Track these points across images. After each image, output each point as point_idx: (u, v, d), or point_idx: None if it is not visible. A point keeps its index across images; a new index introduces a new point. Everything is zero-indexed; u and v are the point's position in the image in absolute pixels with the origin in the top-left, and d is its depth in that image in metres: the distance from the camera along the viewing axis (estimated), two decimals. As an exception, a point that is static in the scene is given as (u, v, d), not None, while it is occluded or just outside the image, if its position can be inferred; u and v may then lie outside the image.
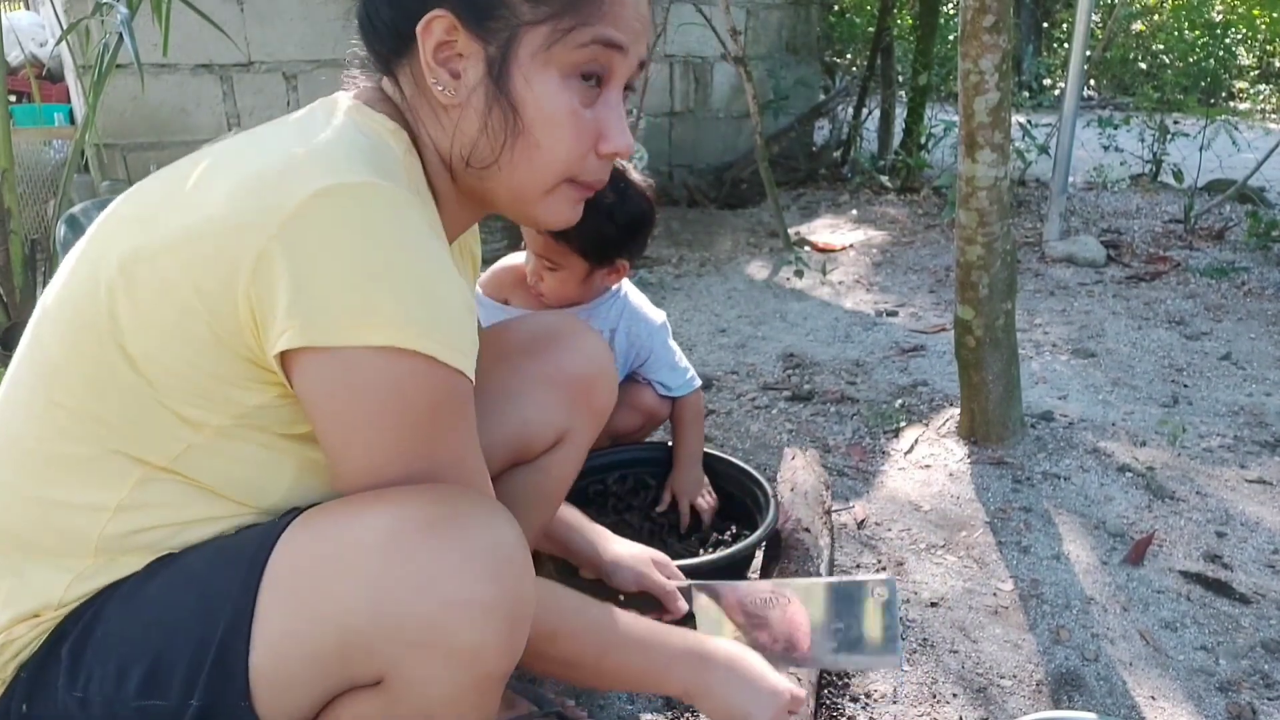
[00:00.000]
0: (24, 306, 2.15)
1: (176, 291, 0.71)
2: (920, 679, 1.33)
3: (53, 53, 4.23)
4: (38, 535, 0.77)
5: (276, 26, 3.89)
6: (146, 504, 0.76)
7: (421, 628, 0.70)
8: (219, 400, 0.74)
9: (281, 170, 0.71)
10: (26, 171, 3.58)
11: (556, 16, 0.77)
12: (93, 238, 0.81)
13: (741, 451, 2.05)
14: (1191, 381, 2.47)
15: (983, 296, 1.93)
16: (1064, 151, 3.67)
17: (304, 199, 0.68)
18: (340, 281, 0.68)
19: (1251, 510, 1.80)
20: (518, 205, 0.86)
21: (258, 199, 0.70)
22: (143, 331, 0.73)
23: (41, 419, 0.76)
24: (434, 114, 0.82)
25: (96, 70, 2.05)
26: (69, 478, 0.76)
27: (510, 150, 0.80)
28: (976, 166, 1.86)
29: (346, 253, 0.68)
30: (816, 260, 3.72)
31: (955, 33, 2.21)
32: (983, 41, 1.78)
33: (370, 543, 0.71)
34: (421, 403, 0.73)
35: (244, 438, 0.77)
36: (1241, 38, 6.59)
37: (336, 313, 0.68)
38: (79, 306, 0.76)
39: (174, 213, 0.74)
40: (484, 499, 0.77)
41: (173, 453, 0.75)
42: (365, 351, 0.69)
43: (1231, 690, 1.31)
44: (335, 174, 0.70)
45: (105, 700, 0.73)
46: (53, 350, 0.77)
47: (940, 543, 1.69)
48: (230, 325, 0.71)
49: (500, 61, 0.78)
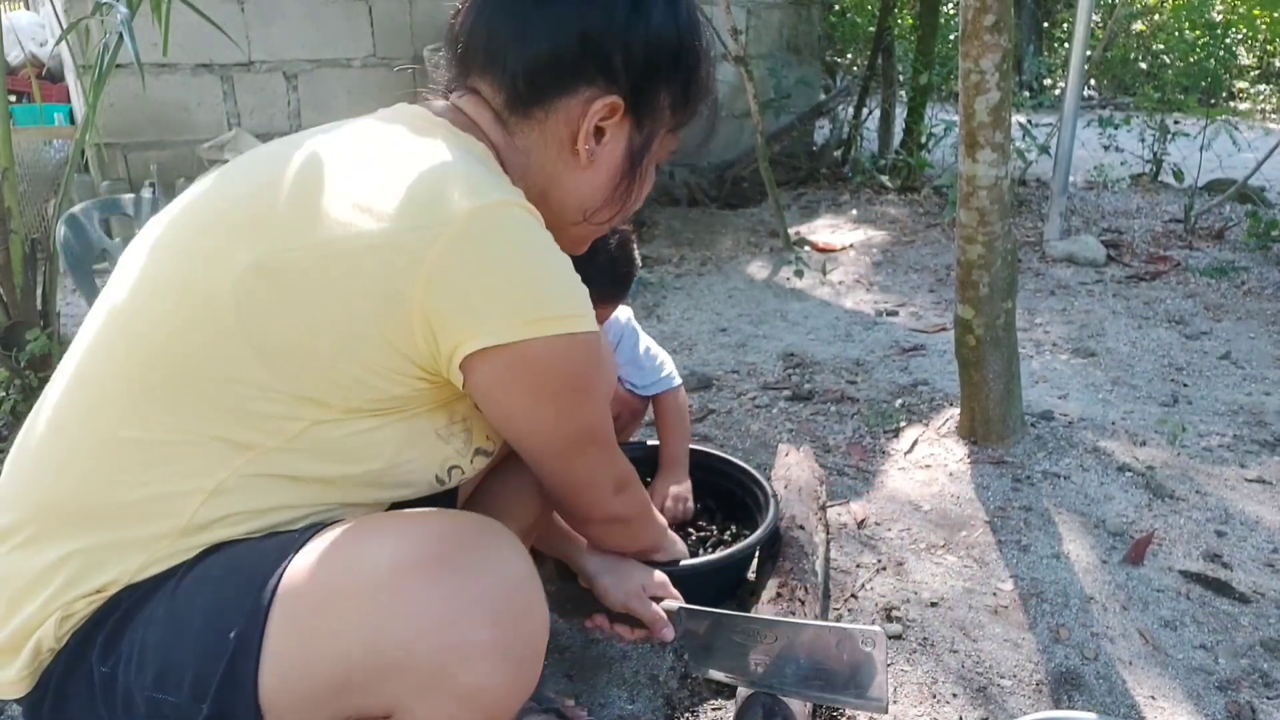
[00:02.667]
0: (24, 306, 2.14)
1: (336, 296, 0.77)
2: (920, 679, 1.33)
3: (53, 53, 4.23)
4: (121, 515, 0.79)
5: (277, 26, 3.90)
6: (238, 489, 0.80)
7: (424, 671, 0.74)
8: (362, 387, 0.80)
9: (425, 189, 0.80)
10: (26, 171, 3.59)
11: (677, 127, 0.99)
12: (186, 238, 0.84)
13: (741, 451, 2.05)
14: (1191, 381, 2.47)
15: (983, 296, 1.93)
16: (1064, 151, 3.68)
17: (462, 218, 0.77)
18: (507, 288, 0.79)
19: (1251, 509, 1.80)
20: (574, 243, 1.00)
21: (411, 219, 0.78)
22: (288, 328, 0.78)
23: (137, 409, 0.79)
24: (551, 162, 0.93)
25: (96, 70, 2.05)
26: (163, 466, 0.78)
27: (615, 214, 0.99)
28: (977, 166, 1.86)
29: (507, 261, 0.79)
30: (817, 260, 3.72)
31: (956, 32, 2.21)
32: (983, 41, 1.78)
33: (372, 583, 0.75)
34: (586, 363, 0.86)
35: (364, 415, 0.82)
36: (1241, 38, 6.58)
37: (511, 314, 0.79)
38: (193, 301, 0.79)
39: (311, 221, 0.79)
40: (492, 530, 0.82)
41: (291, 432, 0.80)
42: (541, 342, 0.80)
43: (1231, 689, 1.31)
44: (481, 193, 0.80)
45: (126, 683, 0.76)
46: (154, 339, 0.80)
47: (940, 542, 1.69)
48: (400, 329, 0.78)
49: (641, 150, 0.96)
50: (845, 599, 1.52)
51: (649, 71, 0.91)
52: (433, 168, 0.82)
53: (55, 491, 0.80)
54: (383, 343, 0.79)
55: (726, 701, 1.28)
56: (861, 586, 1.55)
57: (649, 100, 0.93)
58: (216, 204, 0.86)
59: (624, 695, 1.30)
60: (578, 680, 1.33)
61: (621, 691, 1.31)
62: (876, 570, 1.61)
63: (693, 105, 0.98)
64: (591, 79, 0.89)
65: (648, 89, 0.92)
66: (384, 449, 0.85)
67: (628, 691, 1.31)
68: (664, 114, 0.95)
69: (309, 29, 3.94)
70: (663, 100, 0.94)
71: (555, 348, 0.82)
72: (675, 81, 0.94)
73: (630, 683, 1.33)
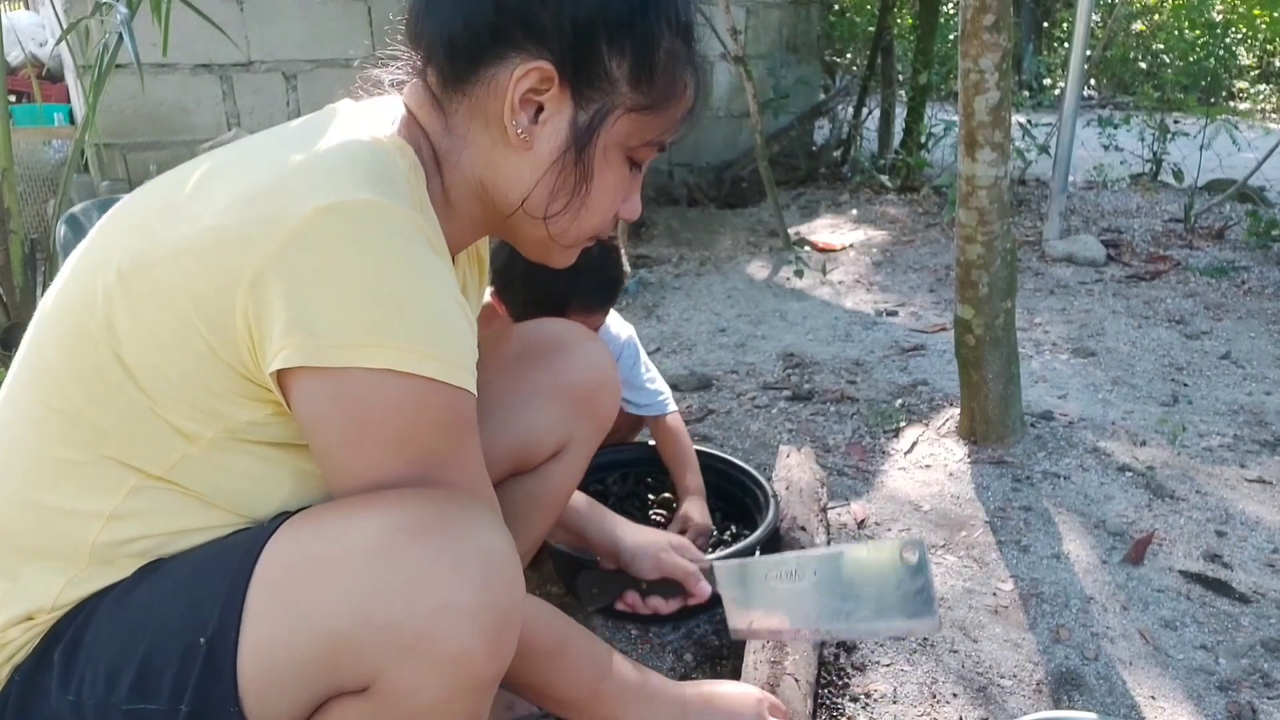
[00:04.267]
0: (24, 306, 2.15)
1: (174, 303, 0.71)
2: (920, 679, 1.33)
3: (53, 53, 4.23)
4: (33, 539, 0.76)
5: (276, 26, 3.89)
6: (140, 512, 0.76)
7: (408, 634, 0.70)
8: (211, 413, 0.74)
9: (280, 183, 0.71)
10: (26, 171, 3.59)
11: (647, 110, 0.82)
12: (92, 243, 0.80)
13: (741, 451, 2.05)
14: (1191, 380, 2.47)
15: (983, 295, 1.93)
16: (1064, 151, 3.67)
17: (305, 215, 0.68)
18: (339, 301, 0.68)
19: (1251, 509, 1.80)
20: (539, 247, 0.89)
21: (255, 212, 0.70)
22: (139, 341, 0.72)
23: (40, 423, 0.76)
24: (486, 145, 0.82)
25: (96, 70, 2.05)
26: (65, 483, 0.75)
27: (566, 209, 0.84)
28: (976, 165, 1.86)
29: (346, 272, 0.68)
30: (816, 260, 3.72)
31: (955, 32, 2.21)
32: (983, 40, 1.78)
33: (358, 548, 0.71)
34: (423, 422, 0.73)
35: (239, 450, 0.76)
36: (1241, 38, 6.59)
37: (335, 333, 0.68)
38: (76, 312, 0.75)
39: (172, 222, 0.74)
40: (474, 504, 0.77)
41: (168, 463, 0.75)
42: (366, 373, 0.69)
43: (1231, 689, 1.31)
44: (337, 190, 0.69)
45: (97, 704, 0.73)
46: (50, 355, 0.77)
47: (940, 542, 1.69)
48: (226, 340, 0.70)
49: (587, 131, 0.80)
50: (845, 599, 1.52)
51: (588, 33, 0.77)
52: (299, 159, 0.73)
53: None
54: (211, 354, 0.71)
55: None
56: (861, 587, 1.55)
57: (591, 70, 0.78)
58: (117, 215, 0.81)
59: (624, 696, 1.30)
60: (578, 681, 1.33)
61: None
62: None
63: (662, 80, 0.81)
64: (520, 44, 0.77)
65: (588, 55, 0.78)
66: (276, 493, 0.78)
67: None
68: (618, 89, 0.80)
69: (308, 29, 3.94)
70: (614, 70, 0.79)
71: (391, 389, 0.69)
72: (629, 47, 0.79)
73: (630, 683, 1.33)
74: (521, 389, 1.12)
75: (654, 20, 0.79)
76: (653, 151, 0.86)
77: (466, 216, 0.87)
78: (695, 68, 0.85)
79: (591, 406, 1.16)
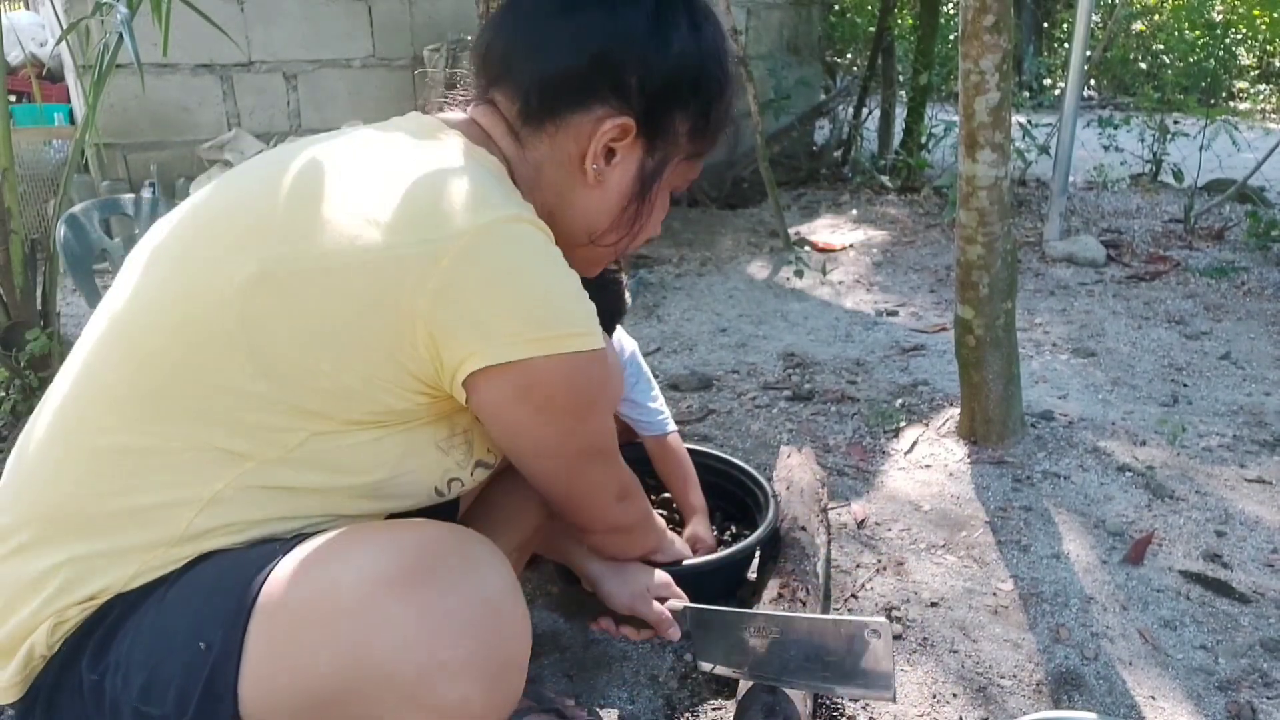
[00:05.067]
0: (24, 306, 2.14)
1: (341, 308, 0.76)
2: (920, 679, 1.33)
3: (53, 53, 4.23)
4: (116, 525, 0.78)
5: (277, 26, 3.90)
6: (236, 500, 0.79)
7: (402, 688, 0.72)
8: (362, 400, 0.79)
9: (434, 205, 0.78)
10: (26, 171, 3.59)
11: (697, 156, 0.98)
12: (186, 245, 0.83)
13: (741, 451, 2.05)
14: (1191, 381, 2.47)
15: (983, 296, 1.93)
16: (1064, 151, 3.68)
17: (469, 234, 0.76)
18: (510, 306, 0.78)
19: (1251, 509, 1.80)
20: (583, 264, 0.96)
21: (418, 234, 0.77)
22: (289, 338, 0.77)
23: (136, 417, 0.78)
24: (559, 178, 0.92)
25: (96, 70, 2.05)
26: (159, 475, 0.78)
27: (622, 239, 0.97)
28: (977, 166, 1.87)
29: (511, 280, 0.78)
30: (817, 260, 3.72)
31: (956, 32, 2.21)
32: (983, 41, 1.78)
33: (349, 600, 0.73)
34: (588, 383, 0.85)
35: (364, 427, 0.82)
36: (1241, 38, 6.58)
37: (511, 333, 0.78)
38: (195, 309, 0.78)
39: (315, 231, 0.78)
40: (471, 543, 0.81)
41: (289, 444, 0.79)
42: (543, 360, 0.79)
43: (1231, 689, 1.31)
44: (490, 208, 0.78)
45: (114, 694, 0.76)
46: (153, 347, 0.79)
47: (940, 542, 1.69)
48: (404, 344, 0.77)
49: (652, 175, 0.94)
50: (845, 599, 1.52)
51: (665, 96, 0.90)
52: (440, 178, 0.80)
53: (51, 497, 0.80)
54: (385, 357, 0.78)
55: (727, 701, 1.27)
56: (862, 586, 1.56)
57: (663, 125, 0.91)
58: (219, 210, 0.86)
59: (624, 695, 1.30)
60: (578, 680, 1.33)
61: (621, 691, 1.31)
62: (877, 570, 1.61)
63: (712, 134, 0.96)
64: (605, 98, 0.88)
65: (663, 113, 0.91)
66: (384, 461, 0.84)
67: (628, 691, 1.31)
68: (679, 140, 0.94)
69: (309, 29, 3.94)
70: (679, 126, 0.93)
71: (561, 366, 0.81)
72: (693, 108, 0.92)
73: (630, 683, 1.33)
74: None
75: (715, 87, 0.93)
76: (688, 183, 1.01)
77: None
78: (735, 120, 0.99)
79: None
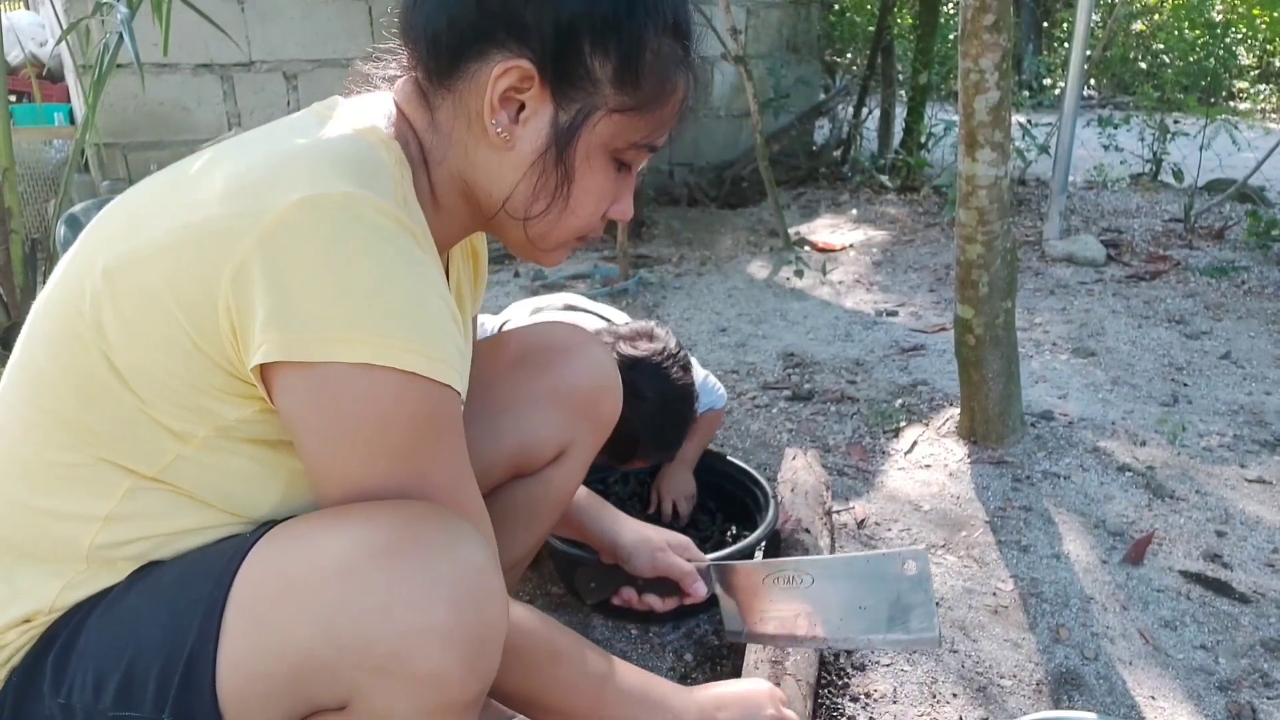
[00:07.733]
0: (24, 306, 2.15)
1: (159, 300, 0.71)
2: (920, 679, 1.33)
3: (53, 53, 4.23)
4: (30, 541, 0.76)
5: (277, 26, 3.89)
6: (136, 514, 0.76)
7: (380, 656, 0.69)
8: (199, 412, 0.73)
9: (260, 178, 0.71)
10: (27, 171, 3.59)
11: (633, 111, 0.80)
12: (82, 244, 0.80)
13: (741, 451, 2.05)
14: (1191, 380, 2.47)
15: (983, 295, 1.93)
16: (1064, 150, 3.67)
17: (284, 208, 0.67)
18: (318, 295, 0.67)
19: (1251, 509, 1.80)
20: (526, 247, 0.88)
21: (235, 206, 0.69)
22: (127, 341, 0.72)
23: (34, 426, 0.76)
24: (468, 143, 0.82)
25: (96, 70, 2.05)
26: (61, 486, 0.75)
27: (547, 210, 0.83)
28: (977, 165, 1.86)
29: (325, 265, 0.67)
30: (816, 259, 3.72)
31: (955, 32, 2.21)
32: (983, 40, 1.78)
33: (328, 568, 0.70)
34: (404, 419, 0.71)
35: (231, 450, 0.76)
36: (1241, 38, 6.58)
37: (314, 327, 0.67)
38: (66, 314, 0.75)
39: (157, 219, 0.74)
40: (452, 518, 0.75)
41: (161, 463, 0.75)
42: (344, 367, 0.68)
43: (1231, 689, 1.31)
44: (315, 184, 0.69)
45: (86, 709, 0.73)
46: (41, 358, 0.76)
47: (940, 542, 1.69)
48: (210, 335, 0.70)
49: (568, 131, 0.79)
50: (845, 599, 1.52)
51: (570, 34, 0.76)
52: (281, 157, 0.72)
53: None
54: (197, 351, 0.70)
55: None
56: (861, 586, 1.56)
57: (573, 70, 0.77)
58: (112, 210, 0.81)
59: (624, 695, 1.30)
60: (578, 680, 1.33)
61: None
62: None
63: (648, 82, 0.80)
64: (502, 41, 0.76)
65: (571, 55, 0.77)
66: (265, 494, 0.78)
67: None
68: (601, 89, 0.79)
69: (309, 29, 3.94)
70: (596, 71, 0.78)
71: (366, 381, 0.68)
72: (611, 48, 0.78)
73: (630, 683, 1.33)
74: (522, 393, 1.11)
75: (641, 20, 0.78)
76: (643, 153, 0.85)
77: (454, 213, 0.87)
78: (689, 67, 0.83)
79: (593, 410, 1.15)
